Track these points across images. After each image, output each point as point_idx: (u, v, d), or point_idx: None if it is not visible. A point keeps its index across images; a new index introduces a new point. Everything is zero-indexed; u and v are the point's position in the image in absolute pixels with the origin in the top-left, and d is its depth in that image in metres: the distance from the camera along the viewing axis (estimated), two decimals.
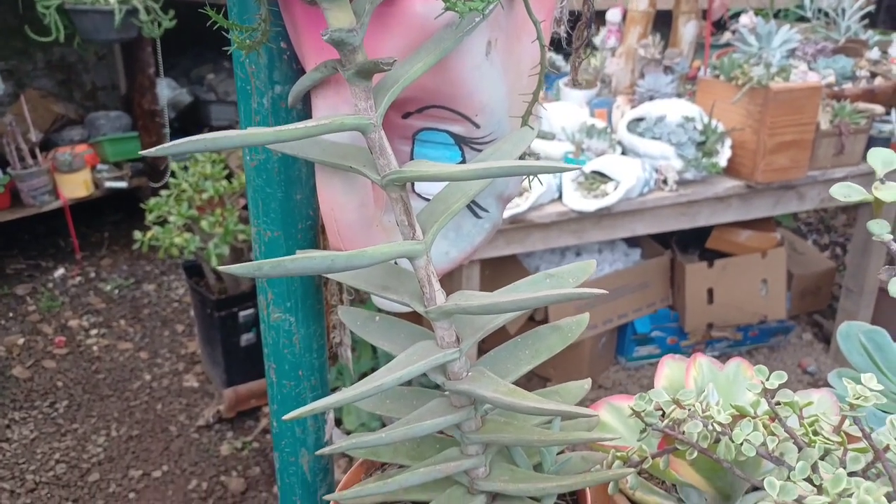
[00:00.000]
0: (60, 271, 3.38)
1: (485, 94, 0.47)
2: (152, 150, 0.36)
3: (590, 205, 1.98)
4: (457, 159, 0.51)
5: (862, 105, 2.23)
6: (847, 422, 0.47)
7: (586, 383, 0.59)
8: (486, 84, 0.48)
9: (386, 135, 0.44)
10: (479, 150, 0.51)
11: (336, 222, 0.49)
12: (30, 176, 3.19)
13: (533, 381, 2.47)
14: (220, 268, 0.38)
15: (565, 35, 0.52)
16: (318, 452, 0.59)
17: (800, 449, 0.45)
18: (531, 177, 0.57)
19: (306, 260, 0.40)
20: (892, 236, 0.45)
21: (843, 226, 3.45)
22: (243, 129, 0.41)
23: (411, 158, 0.53)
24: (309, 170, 0.55)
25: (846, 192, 0.44)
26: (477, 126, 0.49)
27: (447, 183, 0.48)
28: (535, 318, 2.39)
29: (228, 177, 2.33)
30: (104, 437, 2.34)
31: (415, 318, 0.58)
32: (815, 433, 0.46)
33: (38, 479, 2.17)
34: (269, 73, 0.50)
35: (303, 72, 0.50)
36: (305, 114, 0.52)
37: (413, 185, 0.55)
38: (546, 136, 2.15)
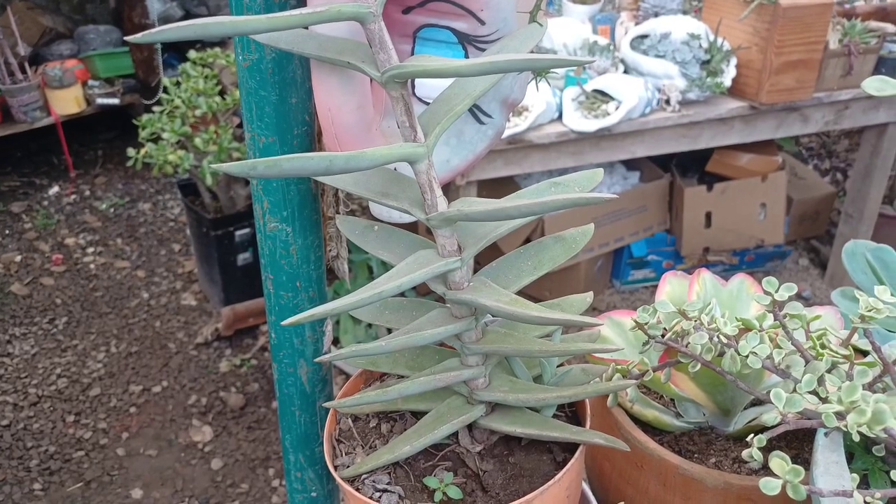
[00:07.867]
0: (55, 189, 3.35)
1: None
2: (138, 35, 0.34)
3: (590, 125, 1.94)
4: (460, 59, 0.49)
5: (873, 24, 2.17)
6: (855, 335, 0.46)
7: (588, 296, 0.58)
8: None
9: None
10: (484, 50, 0.48)
11: (333, 125, 0.47)
12: (20, 91, 3.12)
13: None
14: (214, 165, 0.36)
15: None
16: (317, 360, 0.59)
17: (807, 362, 0.44)
18: (537, 82, 0.54)
19: (303, 160, 0.38)
20: None
21: (846, 151, 3.41)
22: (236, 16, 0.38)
23: None
24: (304, 72, 0.52)
25: (879, 87, 0.41)
26: (482, 22, 0.46)
27: (449, 84, 0.46)
28: (532, 240, 2.38)
29: (222, 93, 2.27)
30: (104, 353, 2.36)
31: (413, 232, 0.57)
32: (823, 346, 0.45)
33: (40, 392, 2.20)
34: None
35: None
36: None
37: (413, 88, 0.53)
38: (546, 52, 2.09)
